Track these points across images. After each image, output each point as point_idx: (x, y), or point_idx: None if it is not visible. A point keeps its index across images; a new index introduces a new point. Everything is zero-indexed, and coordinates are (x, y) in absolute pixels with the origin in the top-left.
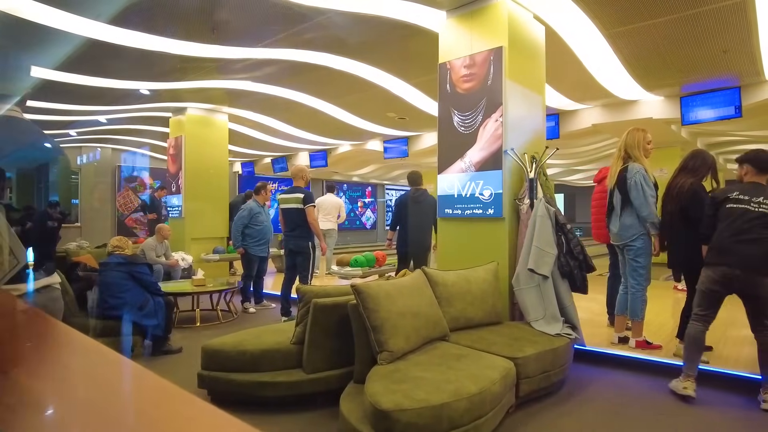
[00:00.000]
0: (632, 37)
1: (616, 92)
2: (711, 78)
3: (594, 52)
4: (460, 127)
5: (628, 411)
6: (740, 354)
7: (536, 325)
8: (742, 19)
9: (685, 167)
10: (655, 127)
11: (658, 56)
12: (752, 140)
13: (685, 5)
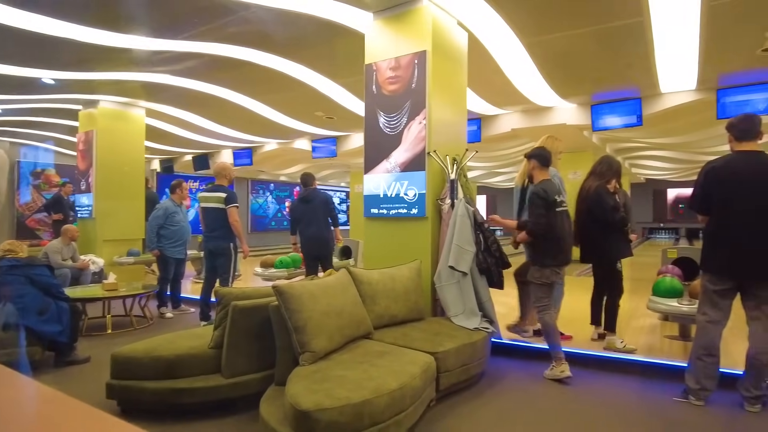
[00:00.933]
0: (549, 46)
1: (533, 99)
2: (617, 89)
3: (513, 59)
4: (386, 128)
5: (542, 400)
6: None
7: (456, 320)
8: (642, 37)
9: (594, 171)
10: (568, 132)
11: (572, 66)
12: (651, 146)
13: (595, 20)
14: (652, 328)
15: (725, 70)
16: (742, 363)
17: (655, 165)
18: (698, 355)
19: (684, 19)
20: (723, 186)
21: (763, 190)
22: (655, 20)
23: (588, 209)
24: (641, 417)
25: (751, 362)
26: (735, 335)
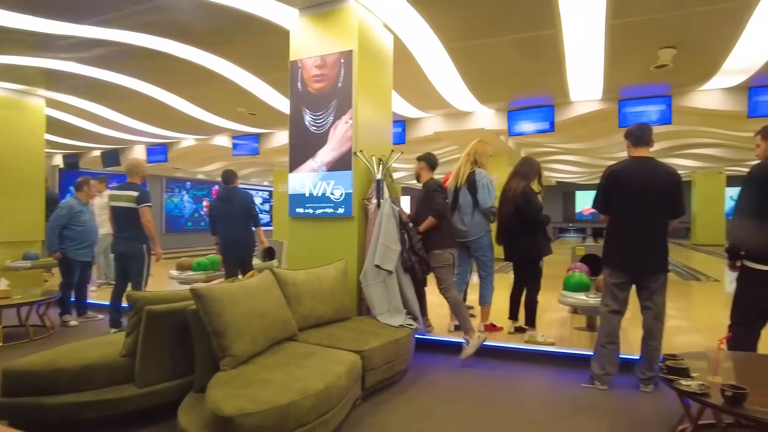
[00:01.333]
0: (470, 53)
1: (455, 103)
2: (532, 96)
3: (437, 64)
4: (312, 127)
5: (464, 392)
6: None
7: (381, 318)
8: (555, 48)
9: (518, 173)
10: (487, 136)
11: (491, 73)
12: (562, 151)
13: (513, 30)
14: (563, 321)
15: (626, 82)
16: (638, 349)
17: (565, 168)
18: (602, 343)
19: (591, 35)
20: (621, 188)
21: (654, 192)
22: (566, 33)
23: (516, 209)
24: (554, 403)
25: (645, 347)
26: (633, 324)
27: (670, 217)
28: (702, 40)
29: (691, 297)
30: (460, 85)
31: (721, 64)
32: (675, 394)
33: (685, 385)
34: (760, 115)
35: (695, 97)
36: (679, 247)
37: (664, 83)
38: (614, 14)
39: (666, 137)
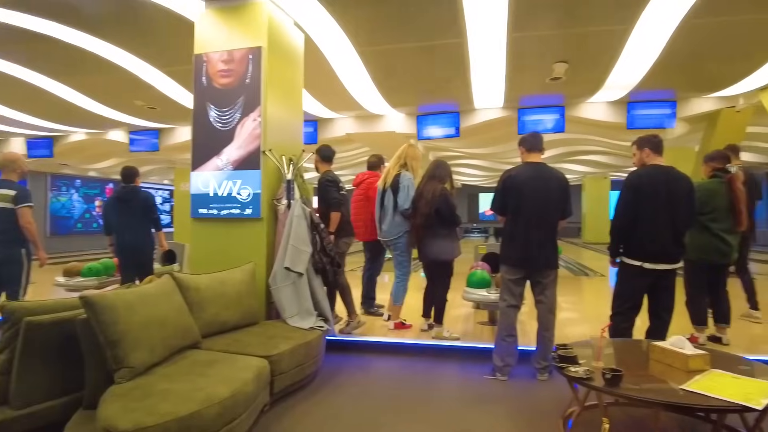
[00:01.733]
0: (380, 56)
1: (366, 106)
2: (439, 102)
3: (348, 65)
4: (217, 123)
5: (374, 390)
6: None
7: (291, 321)
8: (461, 57)
9: (434, 175)
10: (397, 140)
11: (401, 77)
12: (467, 156)
13: (421, 37)
14: (467, 317)
15: (524, 92)
16: (535, 341)
17: (470, 172)
18: (502, 336)
19: (493, 45)
20: (516, 191)
21: (545, 195)
22: (471, 43)
23: (437, 210)
24: (458, 396)
25: (540, 339)
26: (531, 318)
27: (560, 217)
28: (589, 57)
29: (581, 291)
30: (372, 88)
31: (606, 80)
32: (566, 381)
33: (573, 371)
34: (637, 127)
35: (584, 108)
36: (571, 245)
37: (558, 94)
38: (515, 27)
39: (560, 144)
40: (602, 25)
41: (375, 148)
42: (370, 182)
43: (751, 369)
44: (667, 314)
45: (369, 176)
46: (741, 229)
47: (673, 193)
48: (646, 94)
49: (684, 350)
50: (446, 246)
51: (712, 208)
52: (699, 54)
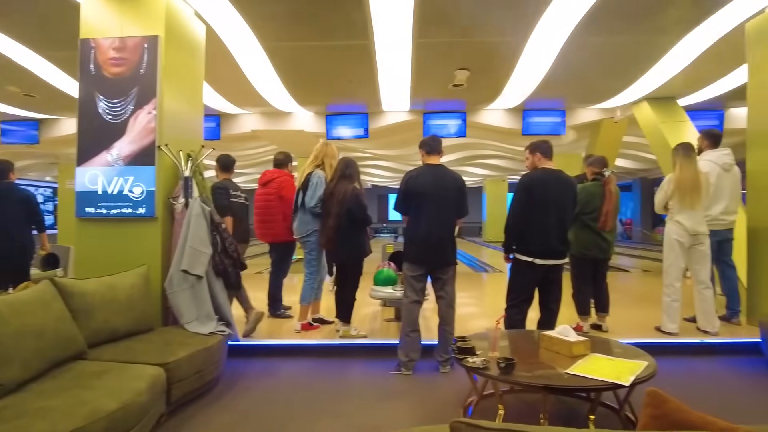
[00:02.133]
0: (287, 53)
1: (273, 102)
2: (348, 102)
3: (253, 60)
4: (107, 115)
5: (279, 394)
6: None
7: (190, 326)
8: (368, 59)
9: (344, 175)
10: (306, 138)
11: (308, 76)
12: (377, 157)
13: (329, 36)
14: (374, 315)
15: (429, 97)
16: (436, 335)
17: (379, 173)
18: (406, 332)
19: (399, 50)
20: (416, 192)
21: (443, 195)
22: (378, 46)
23: (348, 210)
24: (364, 393)
25: (441, 333)
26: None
27: (457, 216)
28: (489, 66)
29: (482, 287)
30: (278, 84)
31: (503, 88)
32: (465, 371)
33: (471, 362)
34: (531, 133)
35: (484, 114)
36: (474, 243)
37: (460, 100)
38: (419, 34)
39: (462, 148)
40: (500, 36)
41: (283, 146)
42: (281, 181)
43: (624, 351)
44: (556, 305)
45: (279, 175)
46: (606, 228)
47: (560, 195)
48: (540, 103)
49: (568, 338)
50: (358, 245)
51: (593, 209)
52: (584, 68)
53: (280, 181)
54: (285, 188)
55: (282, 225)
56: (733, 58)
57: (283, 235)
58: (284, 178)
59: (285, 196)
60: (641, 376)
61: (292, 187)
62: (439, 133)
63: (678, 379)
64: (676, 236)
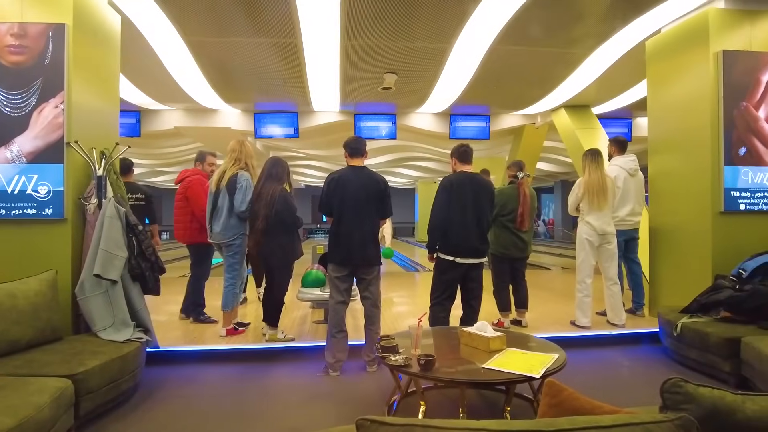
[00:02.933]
0: (211, 49)
1: (197, 98)
2: (278, 101)
3: (175, 54)
4: (6, 108)
5: (204, 400)
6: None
7: (104, 334)
8: (296, 58)
9: (271, 175)
10: (233, 137)
11: (234, 73)
12: (309, 157)
13: (255, 33)
14: (303, 317)
15: (360, 99)
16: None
17: (313, 173)
18: (332, 333)
19: (328, 50)
20: (339, 193)
21: (366, 196)
22: (306, 45)
23: (276, 212)
24: (291, 396)
25: (367, 333)
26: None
27: (380, 217)
28: (416, 70)
29: (414, 286)
30: (203, 80)
31: (431, 93)
32: None
33: (393, 360)
34: (458, 137)
35: (414, 118)
36: (407, 244)
37: (391, 103)
38: (347, 35)
39: (395, 150)
40: (426, 41)
41: (209, 145)
42: (189, 181)
43: (537, 345)
44: (477, 303)
45: (189, 174)
46: (523, 229)
47: (477, 196)
48: (465, 108)
49: (486, 334)
50: (287, 248)
51: (510, 210)
52: (506, 76)
53: (188, 181)
54: (190, 188)
55: (190, 226)
56: (637, 71)
57: (193, 236)
58: (192, 177)
59: (190, 196)
60: (552, 367)
61: (198, 187)
62: (370, 134)
63: (588, 369)
64: (587, 236)
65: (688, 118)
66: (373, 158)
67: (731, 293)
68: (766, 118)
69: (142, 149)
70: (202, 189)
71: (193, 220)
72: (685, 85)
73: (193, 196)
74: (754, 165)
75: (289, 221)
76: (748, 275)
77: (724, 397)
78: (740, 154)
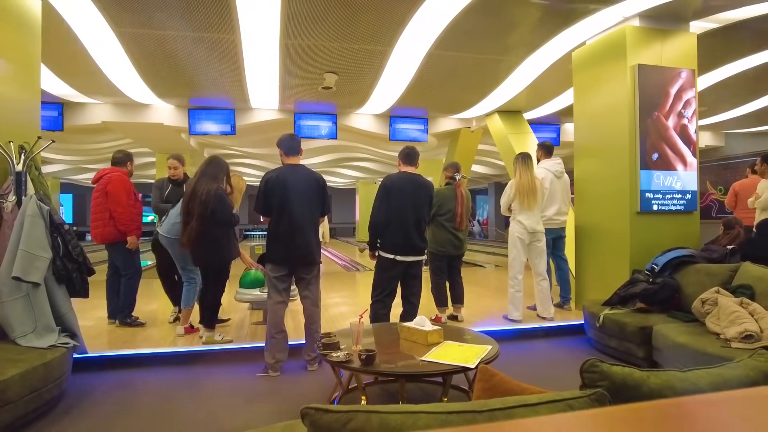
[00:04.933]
0: (142, 40)
1: (127, 92)
2: (214, 97)
3: (104, 45)
4: None
5: (136, 406)
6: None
7: (24, 341)
8: (234, 54)
9: (206, 173)
10: (166, 133)
11: (168, 66)
12: (247, 155)
13: (190, 27)
14: (242, 319)
15: (300, 97)
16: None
17: (252, 172)
18: (271, 333)
19: (267, 48)
20: (276, 192)
21: (304, 195)
22: (245, 42)
23: (212, 211)
24: (230, 398)
25: (307, 332)
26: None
27: (319, 215)
28: (357, 71)
29: (355, 285)
30: (134, 74)
31: (371, 94)
32: None
33: (334, 356)
34: (397, 138)
35: (355, 118)
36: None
37: (331, 103)
38: (287, 34)
39: (336, 150)
40: (367, 43)
41: (140, 141)
42: (109, 177)
43: (473, 338)
44: (416, 299)
45: (109, 171)
46: (461, 228)
47: (417, 196)
48: (405, 111)
49: (424, 328)
50: (223, 248)
51: (447, 210)
52: (443, 81)
53: (109, 177)
54: (111, 182)
55: (110, 224)
56: (565, 80)
57: (112, 235)
58: (113, 174)
59: (111, 191)
60: (485, 358)
61: (120, 182)
62: (310, 134)
63: (520, 359)
64: (518, 234)
65: (609, 125)
66: (313, 158)
67: (645, 286)
68: (674, 127)
69: (65, 144)
70: (123, 187)
71: (112, 218)
72: (606, 95)
73: (113, 192)
74: (665, 169)
75: (226, 221)
76: (659, 269)
77: (633, 373)
78: (653, 159)
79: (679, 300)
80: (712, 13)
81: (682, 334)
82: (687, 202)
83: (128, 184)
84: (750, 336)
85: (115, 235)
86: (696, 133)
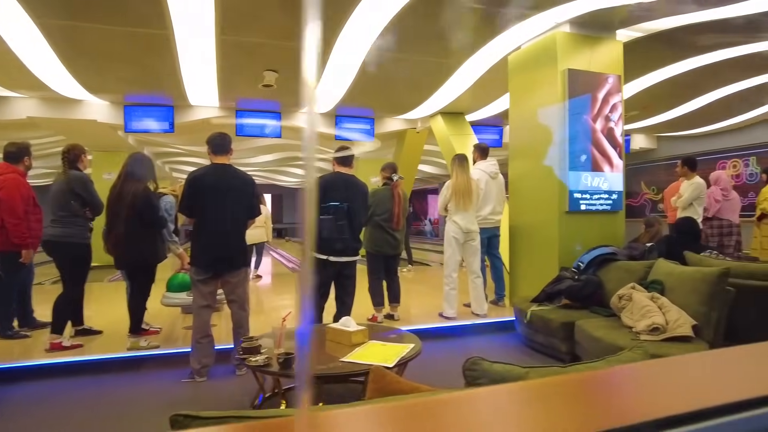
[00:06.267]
0: (68, 33)
1: (54, 87)
2: (151, 94)
3: (24, 37)
4: None
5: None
6: None
7: None
8: (168, 50)
9: (132, 173)
10: (101, 130)
11: (100, 62)
12: (186, 153)
13: (122, 22)
14: (172, 322)
15: (241, 95)
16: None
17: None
18: (197, 338)
19: (202, 44)
20: (201, 193)
21: (232, 196)
22: (178, 37)
23: (139, 212)
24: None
25: (235, 336)
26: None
27: (247, 217)
28: (297, 69)
29: None
30: (60, 68)
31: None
32: None
33: (253, 360)
34: (343, 138)
35: (300, 117)
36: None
37: (274, 101)
38: (223, 30)
39: (282, 149)
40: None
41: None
42: (3, 180)
43: (398, 337)
44: (350, 299)
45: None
46: (398, 228)
47: (350, 197)
48: (351, 110)
49: (348, 328)
50: (148, 250)
51: (384, 210)
52: (386, 81)
53: (1, 180)
54: (4, 188)
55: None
56: (504, 83)
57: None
58: (7, 176)
59: (3, 198)
60: (406, 356)
61: (15, 187)
62: (253, 132)
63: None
64: (453, 233)
65: (541, 127)
66: (259, 156)
67: (570, 283)
68: (601, 130)
69: None
70: (18, 192)
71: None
72: (539, 98)
73: (6, 198)
74: (592, 171)
75: (153, 223)
76: (584, 267)
77: (512, 370)
78: (581, 160)
79: (601, 296)
80: (637, 22)
81: (599, 329)
82: (613, 202)
83: (25, 189)
84: (656, 329)
85: (5, 245)
86: (622, 136)
